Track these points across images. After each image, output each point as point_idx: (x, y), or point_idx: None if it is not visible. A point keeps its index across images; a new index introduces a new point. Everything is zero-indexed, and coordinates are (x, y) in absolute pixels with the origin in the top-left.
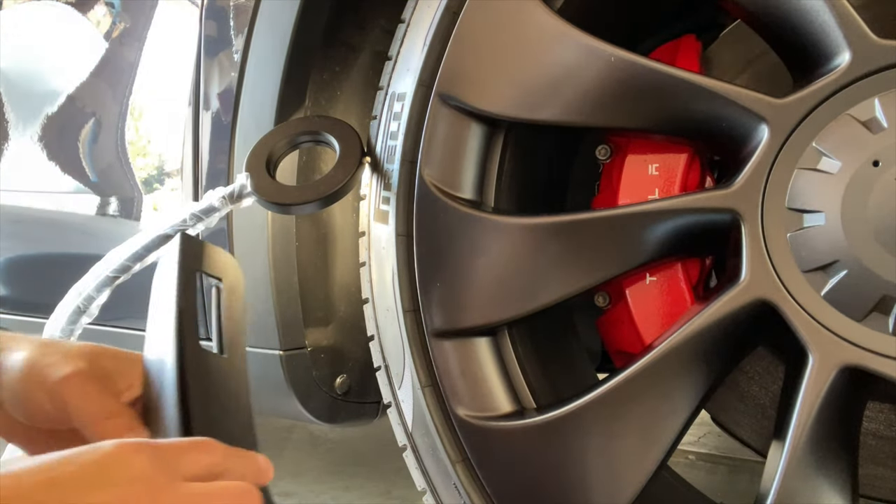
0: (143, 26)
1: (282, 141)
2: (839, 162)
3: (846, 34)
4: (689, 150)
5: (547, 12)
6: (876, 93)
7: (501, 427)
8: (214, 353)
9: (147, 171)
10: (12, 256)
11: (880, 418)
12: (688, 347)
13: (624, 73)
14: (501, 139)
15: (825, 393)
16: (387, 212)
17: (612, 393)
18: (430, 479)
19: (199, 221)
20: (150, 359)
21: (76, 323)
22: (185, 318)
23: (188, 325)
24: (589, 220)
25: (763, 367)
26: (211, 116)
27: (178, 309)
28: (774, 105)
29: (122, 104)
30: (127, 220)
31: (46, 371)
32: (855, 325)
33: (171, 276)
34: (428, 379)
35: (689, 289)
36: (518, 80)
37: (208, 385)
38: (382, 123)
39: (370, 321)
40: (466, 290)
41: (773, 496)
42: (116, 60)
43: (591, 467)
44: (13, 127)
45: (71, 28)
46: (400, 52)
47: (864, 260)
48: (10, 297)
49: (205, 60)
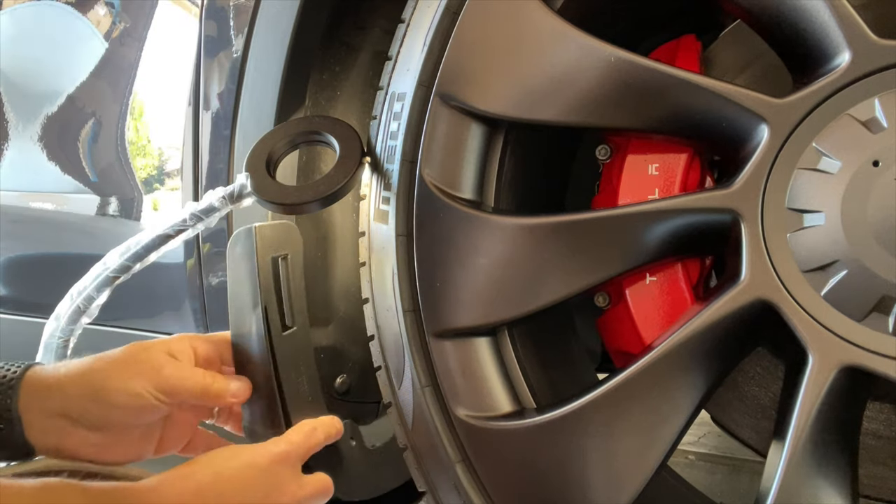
0: (143, 26)
1: (282, 141)
2: (839, 162)
3: (846, 34)
4: (689, 150)
5: (547, 12)
6: (876, 93)
7: (501, 427)
8: (291, 330)
9: (147, 171)
10: (12, 256)
11: (880, 418)
12: (688, 347)
13: (624, 73)
14: (501, 139)
15: (825, 393)
16: (387, 212)
17: (612, 393)
18: (430, 479)
19: (199, 221)
20: (240, 341)
21: (76, 323)
22: (269, 307)
23: (272, 313)
24: (589, 220)
25: (763, 367)
26: (211, 116)
27: (264, 301)
28: (774, 105)
29: (122, 104)
30: (127, 220)
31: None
32: (855, 325)
33: (250, 265)
34: (428, 379)
35: (689, 289)
36: (518, 80)
37: (290, 358)
38: (382, 123)
39: (370, 321)
40: (466, 291)
41: (773, 496)
42: (116, 60)
43: (591, 467)
44: (13, 127)
45: (71, 28)
46: (400, 52)
47: (863, 260)
48: (10, 297)
49: (205, 60)
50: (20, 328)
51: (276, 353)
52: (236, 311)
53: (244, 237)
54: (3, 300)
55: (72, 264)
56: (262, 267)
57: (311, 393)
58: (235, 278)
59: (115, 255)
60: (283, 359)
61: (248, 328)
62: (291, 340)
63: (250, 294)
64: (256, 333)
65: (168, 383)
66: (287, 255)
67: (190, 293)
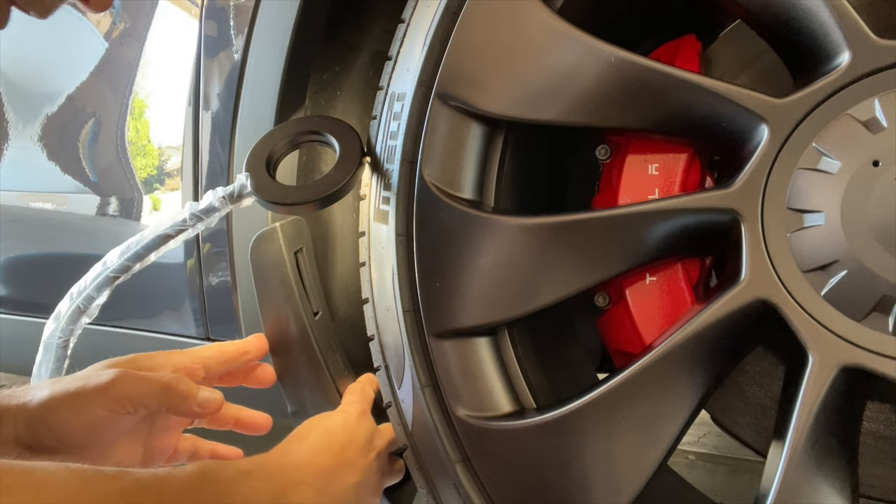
0: (143, 26)
1: (282, 141)
2: (839, 162)
3: (846, 34)
4: (689, 150)
5: (547, 12)
6: (876, 93)
7: (501, 427)
8: (318, 315)
9: (147, 171)
10: (12, 256)
11: (880, 418)
12: (688, 347)
13: (624, 73)
14: (501, 139)
15: (825, 393)
16: (387, 212)
17: (612, 393)
18: (430, 479)
19: (199, 221)
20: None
21: (76, 323)
22: (301, 296)
23: (304, 302)
24: (589, 220)
25: (763, 367)
26: (211, 116)
27: (297, 292)
28: (774, 105)
29: (122, 104)
30: (127, 220)
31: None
32: (855, 325)
33: (279, 261)
34: (428, 379)
35: (689, 289)
36: (518, 80)
37: (325, 339)
38: (382, 123)
39: (370, 321)
40: (466, 290)
41: (773, 496)
42: (116, 60)
43: (590, 467)
44: (13, 127)
45: (71, 28)
46: (400, 52)
47: (863, 260)
48: (10, 297)
49: (205, 60)
50: (20, 328)
51: (315, 336)
52: (269, 305)
53: (269, 236)
54: (3, 300)
55: (72, 264)
56: (290, 261)
57: (345, 367)
58: (264, 276)
59: (115, 255)
60: (321, 340)
61: (286, 318)
62: (321, 323)
63: (281, 288)
64: (296, 321)
65: (119, 392)
66: (302, 249)
67: (190, 293)
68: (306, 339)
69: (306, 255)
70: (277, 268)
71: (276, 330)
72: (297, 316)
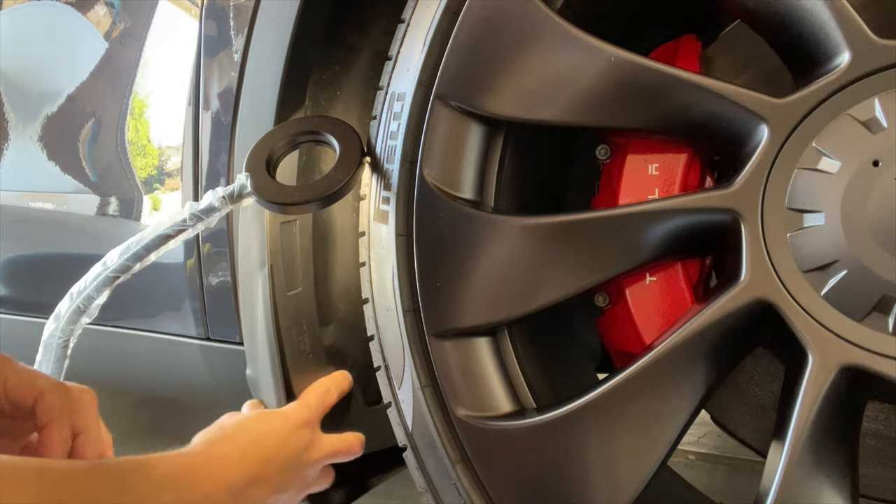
0: (143, 26)
1: (282, 141)
2: (839, 162)
3: (846, 34)
4: (689, 150)
5: (547, 12)
6: (876, 93)
7: (501, 427)
8: (296, 291)
9: (147, 171)
10: (12, 256)
11: (880, 418)
12: (688, 347)
13: (624, 73)
14: (501, 139)
15: (825, 393)
16: (387, 212)
17: (612, 393)
18: (430, 479)
19: (199, 221)
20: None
21: (76, 323)
22: (275, 267)
23: (277, 274)
24: (589, 220)
25: (763, 367)
26: (211, 116)
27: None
28: (774, 105)
29: (122, 104)
30: (127, 220)
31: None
32: (855, 325)
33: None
34: (428, 379)
35: (689, 289)
36: (518, 80)
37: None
38: (382, 123)
39: (370, 321)
40: (466, 290)
41: (773, 496)
42: (116, 60)
43: (590, 467)
44: (13, 127)
45: (71, 28)
46: (400, 52)
47: (863, 260)
48: (10, 297)
49: (205, 60)
50: (20, 328)
51: (278, 310)
52: (245, 272)
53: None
54: (3, 300)
55: (72, 264)
56: (271, 231)
57: (312, 350)
58: (245, 241)
59: (115, 255)
60: (286, 317)
61: (255, 287)
62: (296, 300)
63: (258, 255)
64: (262, 292)
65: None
66: (296, 220)
67: (190, 293)
68: (267, 314)
69: (300, 228)
70: (258, 235)
71: (244, 298)
72: (263, 288)
